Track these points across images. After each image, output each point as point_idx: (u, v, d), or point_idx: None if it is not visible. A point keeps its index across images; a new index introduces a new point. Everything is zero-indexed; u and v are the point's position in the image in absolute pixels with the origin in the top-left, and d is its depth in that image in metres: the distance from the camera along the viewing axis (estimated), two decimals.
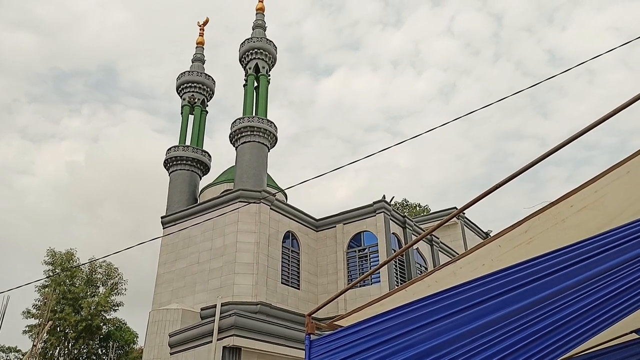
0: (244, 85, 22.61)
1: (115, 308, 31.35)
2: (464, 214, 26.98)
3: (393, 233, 19.38)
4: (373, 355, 2.67)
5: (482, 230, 28.51)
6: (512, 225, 2.89)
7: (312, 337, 3.09)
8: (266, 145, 20.57)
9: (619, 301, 2.12)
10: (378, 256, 18.53)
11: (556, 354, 2.24)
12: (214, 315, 13.04)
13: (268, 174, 21.59)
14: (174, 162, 22.61)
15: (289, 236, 19.25)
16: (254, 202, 18.00)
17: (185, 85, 24.37)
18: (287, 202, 20.69)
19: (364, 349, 2.72)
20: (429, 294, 2.73)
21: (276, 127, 21.18)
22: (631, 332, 5.81)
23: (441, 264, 3.18)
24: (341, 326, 3.16)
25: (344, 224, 20.05)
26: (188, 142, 24.01)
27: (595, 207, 2.83)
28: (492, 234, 7.28)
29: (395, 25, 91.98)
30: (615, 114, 2.49)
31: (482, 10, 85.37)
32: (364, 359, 2.71)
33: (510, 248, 3.05)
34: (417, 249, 20.64)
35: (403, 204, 42.43)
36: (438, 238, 22.61)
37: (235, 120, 20.95)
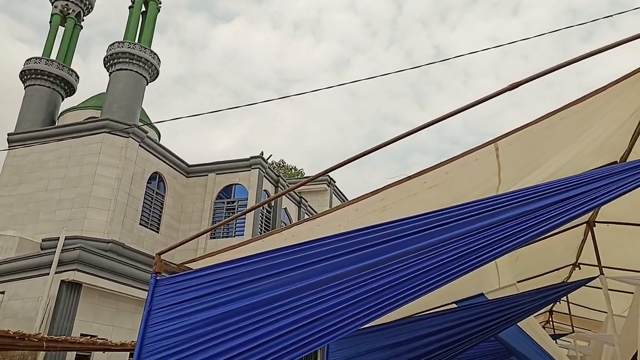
0: (130, 7, 20.49)
1: None
2: (334, 182, 28.20)
3: (265, 190, 19.53)
4: (219, 299, 2.66)
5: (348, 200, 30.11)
6: (370, 192, 3.05)
7: (159, 276, 2.98)
8: (145, 77, 19.06)
9: (451, 266, 2.37)
10: (246, 208, 18.60)
11: (387, 309, 2.45)
12: (56, 248, 12.02)
13: (143, 109, 20.13)
14: (32, 76, 19.89)
15: (156, 177, 18.32)
16: (122, 136, 16.70)
17: None
18: (159, 143, 19.57)
19: (210, 292, 2.69)
20: (284, 246, 2.79)
21: (159, 61, 19.69)
22: (452, 303, 6.67)
23: (300, 220, 3.25)
24: (191, 269, 3.09)
25: (217, 174, 19.67)
26: (54, 57, 21.22)
27: (444, 186, 3.11)
28: None
29: None
30: (470, 107, 2.69)
31: None
32: (209, 301, 2.69)
33: (366, 213, 3.22)
34: (285, 208, 21.12)
35: (280, 164, 42.93)
36: (307, 201, 23.36)
37: (114, 44, 18.98)
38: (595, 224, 5.12)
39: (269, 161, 20.70)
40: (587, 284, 6.31)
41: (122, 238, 15.46)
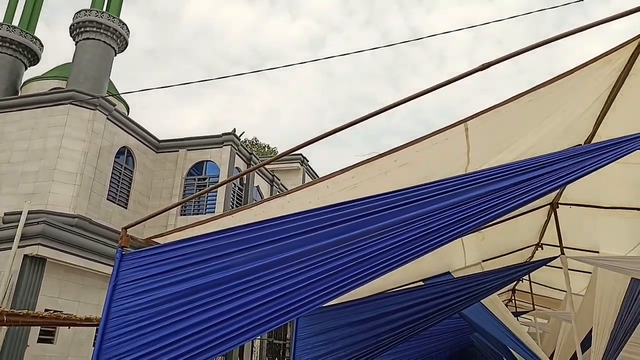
0: None
1: None
2: (307, 161, 28.18)
3: (237, 167, 19.36)
4: (188, 274, 2.64)
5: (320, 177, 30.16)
6: (341, 170, 3.05)
7: (125, 251, 2.93)
8: (113, 48, 18.43)
9: (419, 243, 2.41)
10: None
11: (356, 284, 2.49)
12: (19, 222, 11.67)
13: (111, 81, 19.53)
14: None
15: (124, 152, 17.90)
16: (89, 108, 16.18)
17: None
18: (128, 117, 19.06)
19: (178, 267, 2.67)
20: (255, 221, 2.78)
21: (128, 31, 19.04)
22: (419, 281, 6.84)
23: (271, 196, 3.24)
24: (158, 244, 3.05)
25: (188, 150, 19.35)
26: (16, 24, 20.24)
27: (415, 165, 3.15)
28: None
29: None
30: (440, 87, 2.70)
31: None
32: (177, 276, 2.66)
33: (337, 190, 3.24)
34: (257, 186, 21.02)
35: (253, 142, 42.55)
36: (279, 180, 23.30)
37: (80, 11, 18.22)
38: (559, 205, 5.29)
39: (242, 139, 20.48)
40: (549, 264, 6.56)
41: (89, 213, 15.12)
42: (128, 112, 21.41)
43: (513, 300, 12.53)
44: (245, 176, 20.11)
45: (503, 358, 10.60)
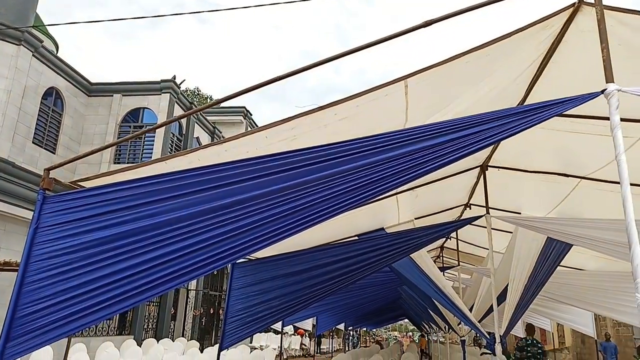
0: None
1: None
2: (250, 115, 27.64)
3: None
4: (116, 219, 2.54)
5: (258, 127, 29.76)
6: (280, 120, 3.00)
7: (49, 194, 2.76)
8: None
9: (353, 194, 2.45)
10: (154, 136, 17.69)
11: (290, 233, 2.51)
12: None
13: (38, 16, 17.87)
14: None
15: (52, 93, 16.68)
16: (12, 42, 14.80)
17: None
18: (57, 55, 17.64)
19: (106, 211, 2.56)
20: (188, 168, 2.70)
21: None
22: (354, 236, 7.04)
23: (206, 144, 3.15)
24: (83, 187, 2.90)
25: (123, 96, 18.33)
26: None
27: (354, 119, 3.15)
28: None
29: None
30: (383, 41, 2.68)
31: None
32: (105, 220, 2.55)
33: (276, 141, 3.19)
34: (197, 137, 20.44)
35: (194, 92, 40.96)
36: (221, 132, 22.75)
37: None
38: (488, 168, 5.55)
39: (183, 87, 19.64)
40: (476, 224, 6.94)
41: (12, 156, 14.10)
42: (57, 51, 19.80)
43: (441, 257, 13.28)
44: (185, 126, 19.43)
45: (427, 309, 11.32)
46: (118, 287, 2.34)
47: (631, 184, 2.22)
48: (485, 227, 5.59)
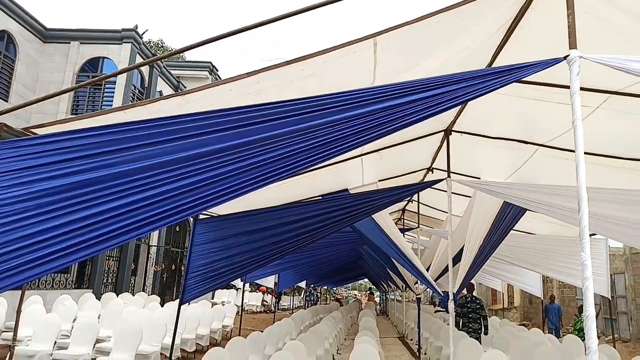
0: None
1: None
2: (217, 70, 26.86)
3: (138, 69, 17.90)
4: (68, 168, 2.44)
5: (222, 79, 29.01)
6: (246, 73, 2.92)
7: None
8: None
9: (318, 151, 2.44)
10: (114, 88, 16.99)
11: (251, 188, 2.49)
12: None
13: None
14: None
15: (4, 37, 15.65)
16: None
17: None
18: None
19: (58, 161, 2.45)
20: (149, 118, 2.61)
21: None
22: (318, 196, 7.09)
23: (168, 94, 3.04)
24: (37, 134, 2.77)
25: (81, 43, 17.38)
26: None
27: (321, 76, 3.10)
28: None
29: None
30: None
31: None
32: (60, 169, 2.45)
33: (241, 95, 3.12)
34: (160, 91, 19.77)
35: (158, 44, 39.28)
36: (185, 87, 22.07)
37: None
38: (452, 132, 5.64)
39: (145, 38, 18.77)
40: (437, 188, 7.10)
41: None
42: None
43: (402, 220, 13.60)
44: (147, 79, 18.71)
45: (386, 268, 11.68)
46: (73, 237, 2.28)
47: (585, 153, 2.30)
48: (446, 191, 5.74)
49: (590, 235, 7.72)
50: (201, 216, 5.94)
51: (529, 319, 18.33)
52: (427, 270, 7.73)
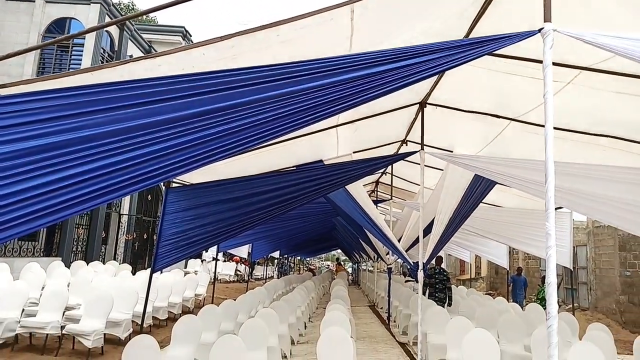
0: None
1: None
2: (190, 35, 26.08)
3: (107, 31, 17.22)
4: (31, 131, 2.34)
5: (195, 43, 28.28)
6: (219, 37, 2.83)
7: None
8: None
9: (293, 118, 2.41)
10: (82, 51, 16.34)
11: (224, 155, 2.45)
12: None
13: None
14: None
15: None
16: None
17: None
18: None
19: (20, 123, 2.36)
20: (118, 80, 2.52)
21: None
22: (293, 167, 7.07)
23: (138, 56, 2.94)
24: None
25: (46, 2, 16.57)
26: None
27: (297, 43, 3.04)
28: None
29: None
30: None
31: None
32: (17, 133, 2.35)
33: (214, 60, 3.04)
34: (130, 55, 19.11)
35: (129, 6, 37.80)
36: (156, 51, 21.38)
37: None
38: (427, 105, 5.66)
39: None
40: (411, 160, 7.18)
41: None
42: None
43: (376, 192, 13.76)
44: (117, 42, 18.03)
45: (359, 239, 11.85)
46: (36, 203, 2.22)
47: (555, 128, 2.34)
48: (420, 164, 5.80)
49: (556, 208, 7.95)
50: (174, 185, 5.86)
51: (495, 288, 19.02)
52: (399, 241, 7.88)
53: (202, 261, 18.15)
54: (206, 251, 18.55)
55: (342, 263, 28.73)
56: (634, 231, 4.38)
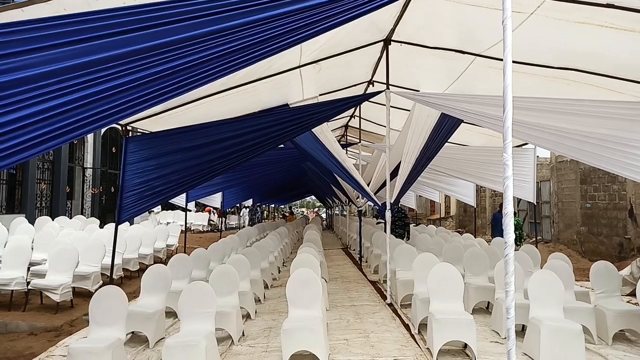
0: None
1: None
2: None
3: None
4: None
5: None
6: None
7: None
8: None
9: (246, 52, 2.28)
10: None
11: (174, 94, 2.32)
12: None
13: None
14: None
15: None
16: None
17: None
18: None
19: None
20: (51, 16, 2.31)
21: None
22: (258, 112, 6.88)
23: None
24: None
25: None
26: None
27: None
28: None
29: None
30: None
31: None
32: None
33: None
34: None
35: None
36: None
37: None
38: (391, 42, 5.51)
39: None
40: (378, 101, 7.08)
41: None
42: None
43: (345, 136, 13.69)
44: None
45: (330, 184, 11.91)
46: None
47: (518, 62, 2.28)
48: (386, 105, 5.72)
49: (521, 145, 8.04)
50: (134, 134, 5.64)
51: (464, 226, 19.66)
52: (368, 185, 7.93)
53: (149, 212, 17.58)
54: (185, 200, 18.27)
55: (318, 209, 28.98)
56: (598, 164, 4.44)
